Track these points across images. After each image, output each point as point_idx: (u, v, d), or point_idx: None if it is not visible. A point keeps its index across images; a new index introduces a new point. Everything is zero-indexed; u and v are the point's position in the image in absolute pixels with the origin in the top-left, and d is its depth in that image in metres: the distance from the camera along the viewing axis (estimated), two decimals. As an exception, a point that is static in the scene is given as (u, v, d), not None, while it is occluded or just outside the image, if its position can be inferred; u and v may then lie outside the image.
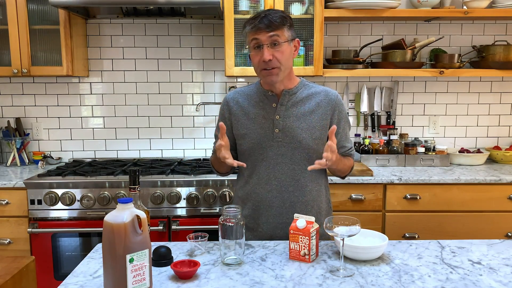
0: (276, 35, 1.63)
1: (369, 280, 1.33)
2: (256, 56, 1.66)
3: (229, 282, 1.32)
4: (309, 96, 1.76)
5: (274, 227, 1.76)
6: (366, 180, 2.55)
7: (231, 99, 1.81)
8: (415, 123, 3.19)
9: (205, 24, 3.06)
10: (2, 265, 1.48)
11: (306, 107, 1.74)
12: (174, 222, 2.50)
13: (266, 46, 1.63)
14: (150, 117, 3.14)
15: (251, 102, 1.78)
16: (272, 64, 1.64)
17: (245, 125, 1.76)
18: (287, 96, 1.74)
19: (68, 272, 1.41)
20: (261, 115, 1.74)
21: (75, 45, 2.82)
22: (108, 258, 1.19)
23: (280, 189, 1.74)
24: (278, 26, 1.63)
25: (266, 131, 1.73)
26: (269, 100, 1.75)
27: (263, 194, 1.76)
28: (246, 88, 1.84)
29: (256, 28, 1.62)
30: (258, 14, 1.66)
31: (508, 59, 2.83)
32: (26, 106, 3.11)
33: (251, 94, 1.79)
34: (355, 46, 3.09)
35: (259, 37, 1.63)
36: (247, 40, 1.70)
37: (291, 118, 1.73)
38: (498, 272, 1.39)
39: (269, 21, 1.62)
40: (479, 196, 2.58)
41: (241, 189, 1.83)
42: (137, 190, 1.43)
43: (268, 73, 1.66)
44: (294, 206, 1.75)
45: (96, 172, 2.65)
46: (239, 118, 1.77)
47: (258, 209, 1.77)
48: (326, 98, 1.75)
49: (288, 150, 1.73)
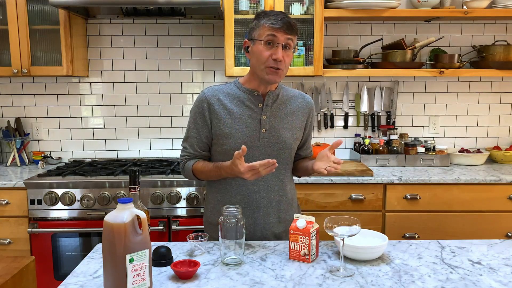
0: (291, 40, 1.66)
1: (369, 280, 1.33)
2: (265, 51, 1.64)
3: (229, 282, 1.32)
4: (289, 99, 1.81)
5: (262, 228, 1.76)
6: (366, 180, 2.55)
7: (211, 97, 1.73)
8: (415, 123, 3.19)
9: (205, 24, 3.06)
10: (2, 265, 1.47)
11: (288, 109, 1.78)
12: (174, 222, 2.50)
13: (281, 46, 1.64)
14: (150, 117, 3.14)
15: (234, 101, 1.74)
16: (280, 65, 1.65)
17: (229, 124, 1.71)
18: (272, 97, 1.75)
19: (68, 272, 1.41)
20: (247, 115, 1.72)
21: (75, 45, 2.82)
22: (108, 258, 1.19)
23: (267, 189, 1.75)
24: (295, 31, 1.66)
25: (253, 130, 1.72)
26: (255, 99, 1.74)
27: (250, 195, 1.74)
28: (224, 86, 1.78)
29: (278, 25, 1.62)
30: (276, 13, 1.67)
31: (508, 59, 2.83)
32: (26, 106, 3.11)
33: (232, 93, 1.75)
34: (355, 46, 3.09)
35: (278, 35, 1.63)
36: (257, 33, 1.66)
37: (277, 118, 1.75)
38: (498, 272, 1.39)
39: (289, 23, 1.64)
40: (479, 196, 2.58)
41: (223, 192, 1.76)
42: (137, 190, 1.43)
43: (274, 71, 1.66)
44: (279, 206, 1.78)
45: (96, 172, 2.65)
46: (221, 116, 1.71)
47: (245, 211, 1.73)
48: (304, 101, 1.84)
49: (273, 150, 1.74)
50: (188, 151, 1.78)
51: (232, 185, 1.75)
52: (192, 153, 1.77)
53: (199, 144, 1.76)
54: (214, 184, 1.80)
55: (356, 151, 3.02)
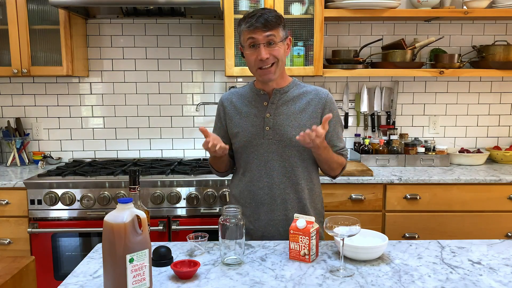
0: (272, 35, 1.65)
1: (369, 280, 1.33)
2: (252, 55, 1.67)
3: (229, 282, 1.32)
4: (299, 95, 1.78)
5: (265, 224, 1.78)
6: (366, 180, 2.55)
7: (225, 99, 1.85)
8: (415, 123, 3.19)
9: (205, 24, 3.06)
10: (2, 265, 1.47)
11: (296, 106, 1.76)
12: (174, 222, 2.50)
13: (262, 45, 1.64)
14: (150, 117, 3.14)
15: (244, 101, 1.80)
16: (269, 61, 1.66)
17: (237, 123, 1.79)
18: (278, 94, 1.76)
19: (68, 272, 1.41)
20: (252, 114, 1.77)
21: (75, 45, 2.82)
22: (108, 258, 1.19)
23: (271, 186, 1.76)
24: (274, 25, 1.65)
25: (257, 128, 1.75)
26: (261, 98, 1.77)
27: (255, 191, 1.78)
28: (241, 88, 1.87)
29: (253, 27, 1.63)
30: (254, 13, 1.66)
31: (508, 59, 2.83)
32: (26, 106, 3.11)
33: (244, 94, 1.82)
34: (355, 46, 3.09)
35: (256, 36, 1.64)
36: (242, 39, 1.71)
37: (281, 116, 1.75)
38: (498, 272, 1.39)
39: (265, 20, 1.63)
40: (479, 196, 2.58)
41: (235, 188, 1.86)
42: (137, 190, 1.43)
43: (264, 72, 1.68)
44: (285, 204, 1.77)
45: (96, 172, 2.65)
46: (232, 117, 1.81)
47: (250, 207, 1.79)
48: (316, 96, 1.77)
49: (278, 147, 1.75)
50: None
51: (242, 180, 1.82)
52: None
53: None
54: (232, 180, 1.90)
55: (356, 151, 3.02)
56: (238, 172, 1.86)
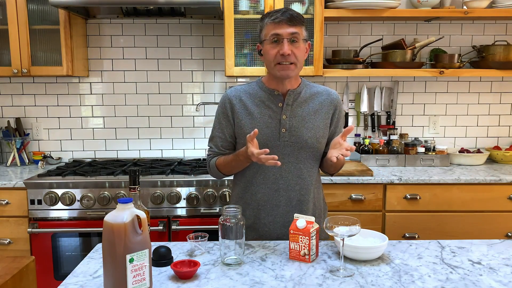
0: (296, 33, 1.65)
1: (369, 280, 1.33)
2: (273, 49, 1.66)
3: (229, 282, 1.32)
4: (312, 96, 1.77)
5: (281, 226, 1.77)
6: (366, 180, 2.55)
7: (233, 97, 1.77)
8: (415, 123, 3.19)
9: (205, 24, 3.06)
10: (2, 265, 1.47)
11: (310, 107, 1.75)
12: (174, 222, 2.50)
13: (286, 40, 1.64)
14: (150, 117, 3.14)
15: (255, 100, 1.76)
16: (289, 59, 1.65)
17: (249, 125, 1.73)
18: (292, 95, 1.74)
19: (68, 272, 1.41)
20: (267, 115, 1.73)
21: (75, 45, 2.82)
22: (108, 258, 1.19)
23: (286, 188, 1.75)
24: (298, 22, 1.65)
25: (273, 130, 1.72)
26: (275, 99, 1.74)
27: (269, 194, 1.76)
28: (246, 86, 1.81)
29: (279, 20, 1.63)
30: (279, 9, 1.67)
31: (508, 59, 2.83)
32: (26, 106, 3.11)
33: (253, 93, 1.77)
34: (355, 46, 3.09)
35: (280, 31, 1.64)
36: (264, 33, 1.69)
37: (297, 118, 1.73)
38: (498, 272, 1.39)
39: (291, 15, 1.63)
40: (479, 196, 2.58)
41: (244, 189, 1.80)
42: (137, 190, 1.43)
43: (284, 67, 1.66)
44: (300, 205, 1.76)
45: (96, 172, 2.65)
46: (242, 117, 1.74)
47: (264, 209, 1.76)
48: (328, 98, 1.79)
49: (294, 149, 1.73)
50: (213, 150, 1.82)
51: (253, 183, 1.77)
52: (217, 152, 1.81)
53: (224, 144, 1.79)
54: (237, 182, 1.84)
55: (356, 151, 3.02)
56: (245, 174, 1.79)
